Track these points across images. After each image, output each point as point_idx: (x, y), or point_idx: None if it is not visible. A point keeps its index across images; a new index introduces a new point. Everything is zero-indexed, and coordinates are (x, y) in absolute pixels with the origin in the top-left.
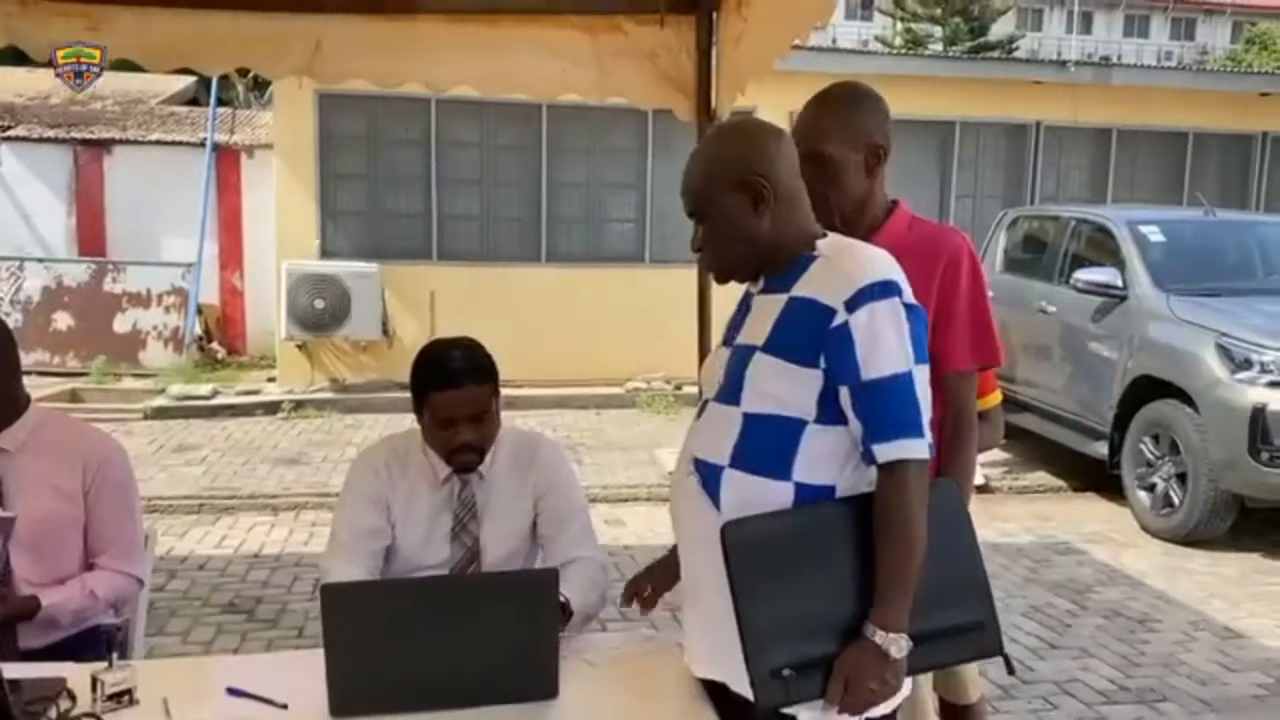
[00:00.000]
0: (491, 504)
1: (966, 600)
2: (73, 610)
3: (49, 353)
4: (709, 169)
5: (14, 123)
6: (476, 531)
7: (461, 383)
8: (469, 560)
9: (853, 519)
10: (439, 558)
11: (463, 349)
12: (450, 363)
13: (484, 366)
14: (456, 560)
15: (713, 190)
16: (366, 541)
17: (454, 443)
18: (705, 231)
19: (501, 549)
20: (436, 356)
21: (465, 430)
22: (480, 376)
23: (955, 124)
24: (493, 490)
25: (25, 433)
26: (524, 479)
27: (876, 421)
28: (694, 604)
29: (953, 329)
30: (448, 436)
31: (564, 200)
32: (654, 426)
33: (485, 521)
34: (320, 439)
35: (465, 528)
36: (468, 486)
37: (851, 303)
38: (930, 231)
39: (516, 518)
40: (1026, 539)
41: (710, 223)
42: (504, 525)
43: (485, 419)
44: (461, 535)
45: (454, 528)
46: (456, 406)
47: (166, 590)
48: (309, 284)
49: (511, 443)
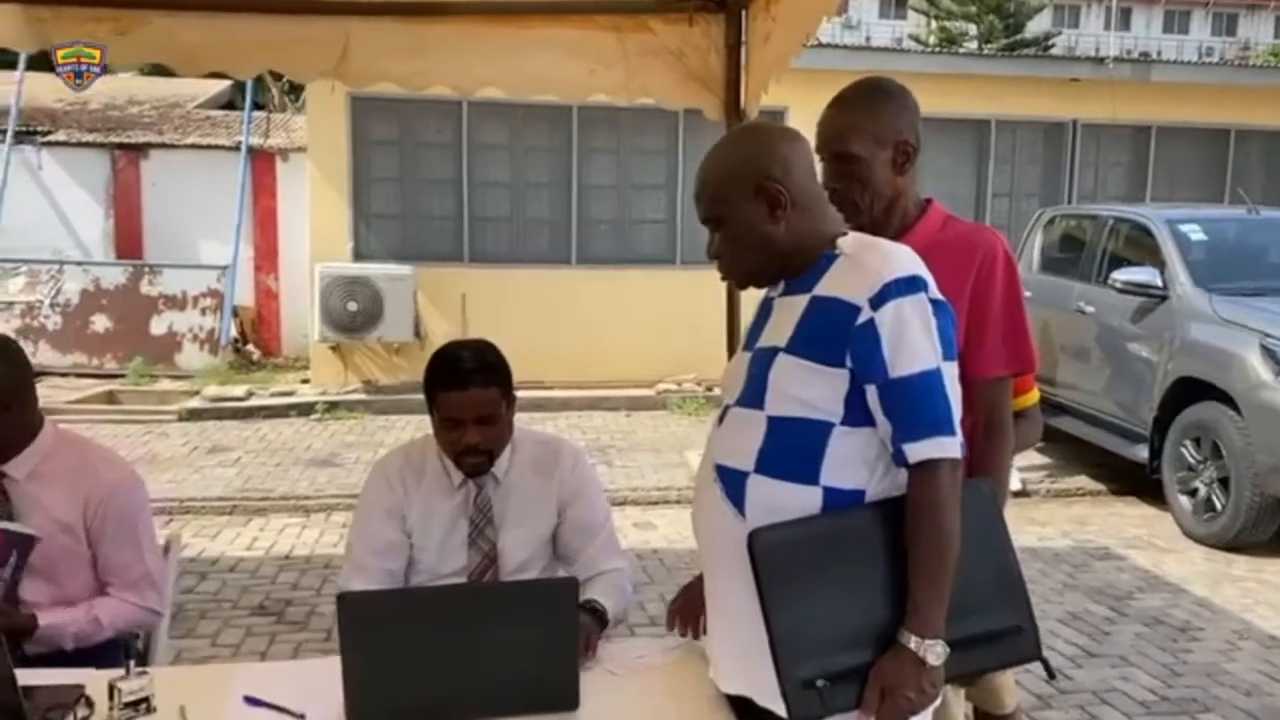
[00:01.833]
0: (510, 509)
1: (1003, 604)
2: (73, 633)
3: (87, 354)
4: (723, 176)
5: (54, 128)
6: (494, 538)
7: (469, 384)
8: (486, 566)
9: (884, 523)
10: (457, 564)
11: (473, 351)
12: (459, 363)
13: (493, 369)
14: (474, 567)
15: (728, 197)
16: (382, 558)
17: (461, 444)
18: (722, 239)
19: (520, 555)
20: (446, 357)
21: (472, 432)
22: (488, 379)
23: (991, 122)
24: (510, 495)
25: (36, 459)
26: (546, 485)
27: (906, 420)
28: (719, 616)
29: (986, 333)
30: (455, 438)
31: (595, 202)
32: (684, 428)
33: (503, 527)
34: (353, 440)
35: (482, 533)
36: (483, 491)
37: (877, 299)
38: (964, 231)
39: (536, 524)
40: (1064, 544)
41: (727, 230)
42: (522, 531)
43: (493, 422)
44: (479, 541)
45: (471, 534)
46: (463, 407)
47: (197, 592)
48: (342, 286)
49: (532, 447)
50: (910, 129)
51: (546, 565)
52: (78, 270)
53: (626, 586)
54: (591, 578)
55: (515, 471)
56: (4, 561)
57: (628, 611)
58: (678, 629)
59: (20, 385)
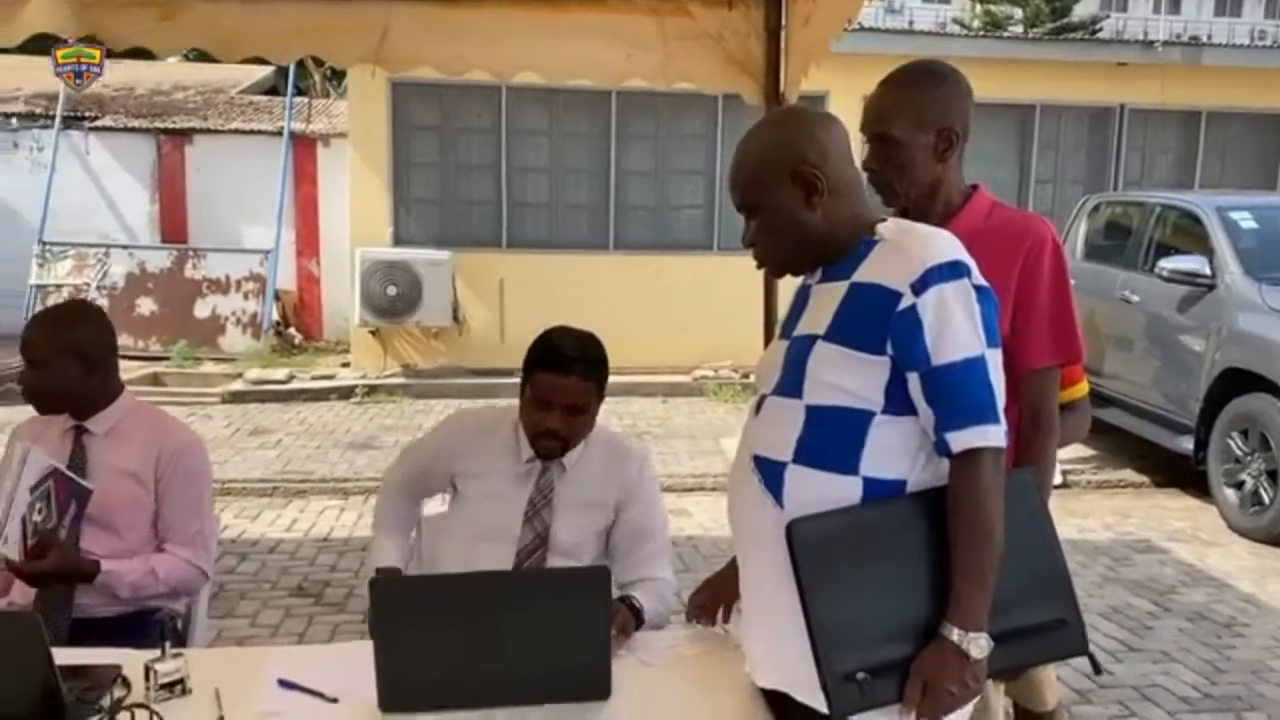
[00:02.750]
0: (569, 497)
1: (1048, 597)
2: (130, 583)
3: (133, 337)
4: (758, 162)
5: (101, 113)
6: (549, 520)
7: (569, 371)
8: (537, 546)
9: (925, 514)
10: (509, 535)
11: (581, 341)
12: (564, 348)
13: (596, 364)
14: (525, 544)
15: (764, 184)
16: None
17: (542, 425)
18: (757, 226)
19: (570, 545)
20: (554, 339)
21: (556, 417)
22: (589, 371)
23: (1036, 107)
24: (573, 484)
25: (114, 419)
26: (608, 483)
27: (949, 409)
28: (755, 610)
29: (1033, 323)
30: (539, 419)
31: (633, 187)
32: (721, 415)
33: (559, 513)
34: (391, 424)
35: (539, 513)
36: (548, 474)
37: (919, 285)
38: (1011, 218)
39: (591, 518)
40: (1105, 536)
41: (762, 217)
42: (576, 522)
43: (580, 413)
44: (534, 520)
45: (528, 512)
46: (557, 392)
47: (237, 573)
48: (382, 271)
49: (604, 444)
50: (957, 115)
51: (595, 559)
52: (124, 254)
53: (669, 598)
54: (635, 581)
55: (583, 463)
56: (65, 509)
57: (664, 621)
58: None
59: (109, 348)
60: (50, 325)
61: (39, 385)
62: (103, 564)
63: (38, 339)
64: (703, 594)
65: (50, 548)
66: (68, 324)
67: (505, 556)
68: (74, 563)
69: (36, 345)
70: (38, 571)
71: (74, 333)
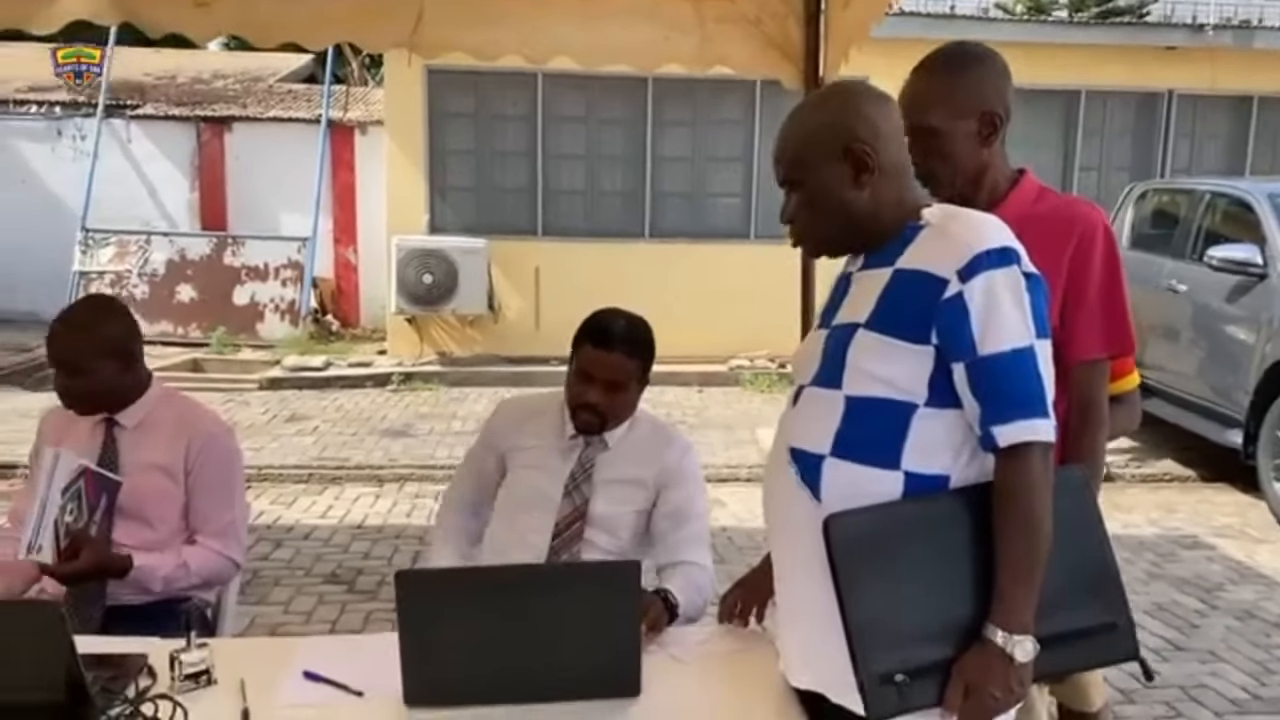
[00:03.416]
0: (609, 474)
1: (1097, 599)
2: (163, 576)
3: (172, 323)
4: (808, 134)
5: (143, 101)
6: (589, 494)
7: (613, 348)
8: (575, 519)
9: (969, 510)
10: (550, 503)
11: (629, 322)
12: (611, 325)
13: (641, 344)
14: (564, 515)
15: (812, 158)
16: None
17: (582, 398)
18: (798, 202)
19: (608, 519)
20: (603, 317)
21: (596, 392)
22: (632, 351)
23: (1080, 93)
24: (614, 463)
25: (144, 411)
26: (648, 464)
27: (996, 401)
28: (790, 607)
29: (1083, 312)
30: (580, 391)
31: (669, 175)
32: (756, 405)
33: (598, 488)
34: (427, 411)
35: (579, 487)
36: (590, 450)
37: (966, 272)
38: (1061, 204)
39: (629, 496)
40: (1150, 531)
41: (805, 193)
42: (615, 498)
43: (619, 390)
44: (573, 493)
45: (568, 485)
46: (599, 366)
47: (271, 559)
48: (418, 259)
49: (648, 427)
50: (997, 98)
51: (632, 538)
52: (164, 241)
53: (705, 586)
54: (671, 565)
55: (626, 443)
56: (95, 504)
57: (701, 613)
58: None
59: (137, 338)
60: (80, 329)
61: (79, 390)
62: (135, 559)
63: (70, 345)
64: (734, 594)
65: (83, 547)
66: (96, 324)
67: (545, 525)
68: (106, 560)
69: (70, 351)
70: (72, 573)
71: (105, 333)
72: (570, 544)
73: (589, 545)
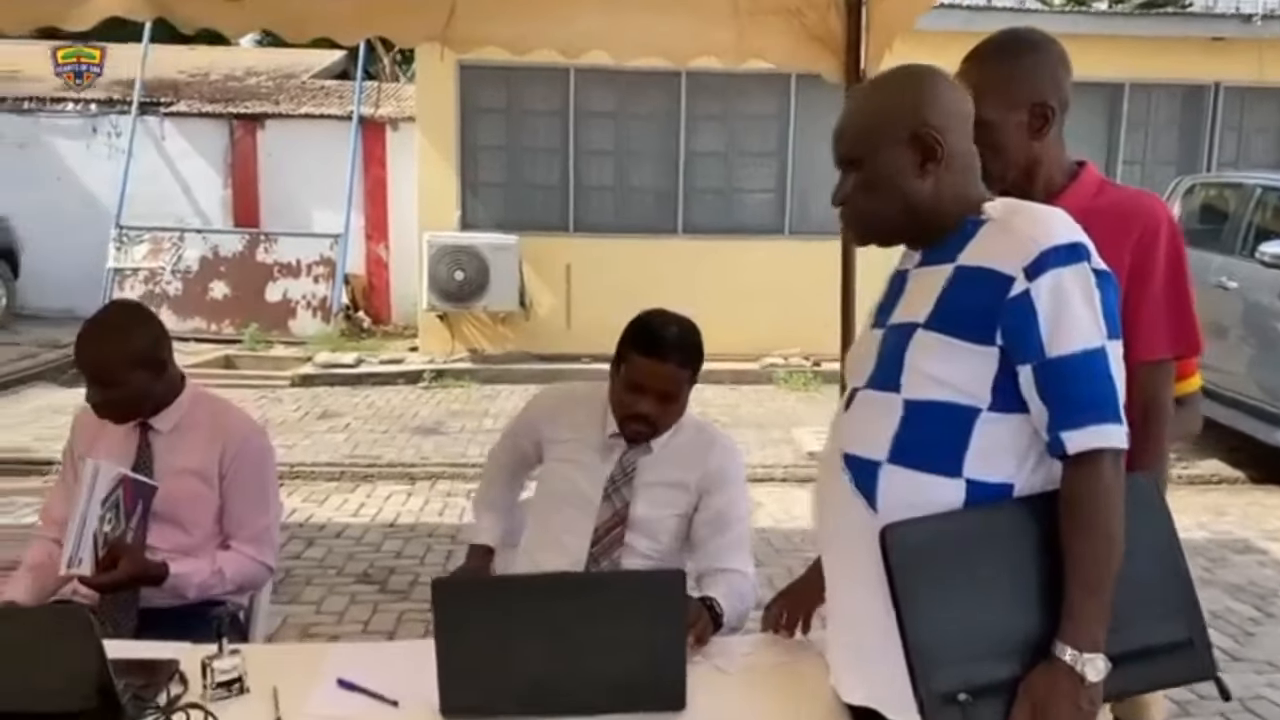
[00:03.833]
0: (651, 479)
1: (1171, 614)
2: (198, 584)
3: (205, 320)
4: (874, 113)
5: (176, 99)
6: (629, 498)
7: (666, 358)
8: (615, 523)
9: (1035, 520)
10: (589, 505)
11: (680, 327)
12: (663, 333)
13: (693, 351)
14: (604, 519)
15: (877, 139)
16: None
17: (633, 409)
18: (855, 184)
19: (649, 524)
20: (654, 322)
21: (648, 403)
22: (685, 359)
23: (1124, 86)
24: (655, 468)
25: (178, 414)
26: (690, 468)
27: (1065, 406)
28: (842, 620)
29: (1146, 311)
30: (630, 402)
31: (701, 170)
32: (790, 404)
33: (639, 492)
34: (458, 409)
35: (619, 490)
36: (631, 452)
37: (1033, 269)
38: (1123, 198)
39: (671, 500)
40: (1200, 535)
41: (865, 175)
42: (656, 502)
43: (672, 400)
44: (613, 497)
45: (608, 488)
46: (652, 377)
47: (303, 558)
48: (449, 255)
49: (692, 430)
50: (1051, 87)
51: (672, 541)
52: (198, 238)
53: (748, 594)
54: (712, 572)
55: (669, 447)
56: (132, 510)
57: (743, 621)
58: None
59: (166, 342)
60: (109, 340)
61: (112, 401)
62: (170, 567)
63: (101, 357)
64: (780, 603)
65: (120, 557)
66: (126, 334)
67: (584, 528)
68: (143, 569)
69: (102, 364)
70: (109, 583)
71: (135, 342)
72: (610, 549)
73: (629, 550)
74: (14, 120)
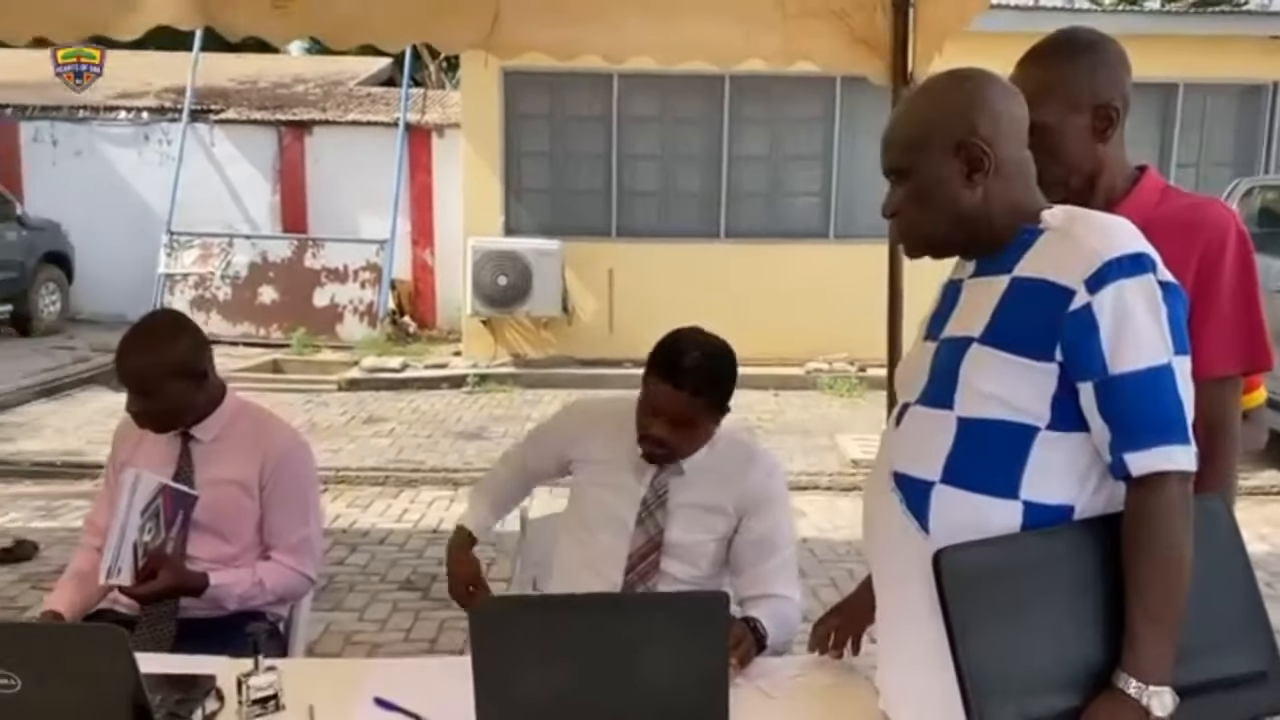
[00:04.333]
0: (685, 500)
1: (1244, 644)
2: (238, 595)
3: (254, 325)
4: (921, 123)
5: (226, 106)
6: (663, 523)
7: (682, 386)
8: (650, 550)
9: (1097, 545)
10: (624, 529)
11: (705, 352)
12: (684, 359)
13: (715, 383)
14: (638, 545)
15: (924, 149)
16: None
17: (646, 430)
18: (904, 195)
19: (686, 549)
20: (678, 345)
21: (662, 426)
22: (702, 388)
23: (1178, 86)
24: (690, 488)
25: (219, 424)
26: (727, 489)
27: (1129, 425)
28: (893, 646)
29: (1212, 324)
30: (646, 423)
31: (745, 174)
32: (835, 410)
33: (673, 517)
34: (501, 414)
35: (652, 515)
36: (663, 474)
37: (1094, 281)
38: (1188, 205)
39: (709, 523)
40: (1260, 548)
41: (913, 186)
42: (693, 526)
43: (688, 427)
44: (646, 522)
45: (640, 513)
46: (666, 401)
47: (346, 564)
48: (493, 261)
49: (727, 446)
50: (1113, 88)
51: (711, 566)
52: (247, 244)
53: (793, 619)
54: (756, 597)
55: (703, 466)
56: (172, 520)
57: (789, 645)
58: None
59: (206, 351)
60: (149, 350)
61: (151, 411)
62: (211, 578)
63: (140, 367)
64: (830, 622)
65: (160, 567)
66: (164, 343)
67: (619, 551)
68: (183, 580)
69: (141, 374)
70: (149, 593)
71: (175, 352)
72: (646, 576)
73: (665, 577)
74: (70, 128)
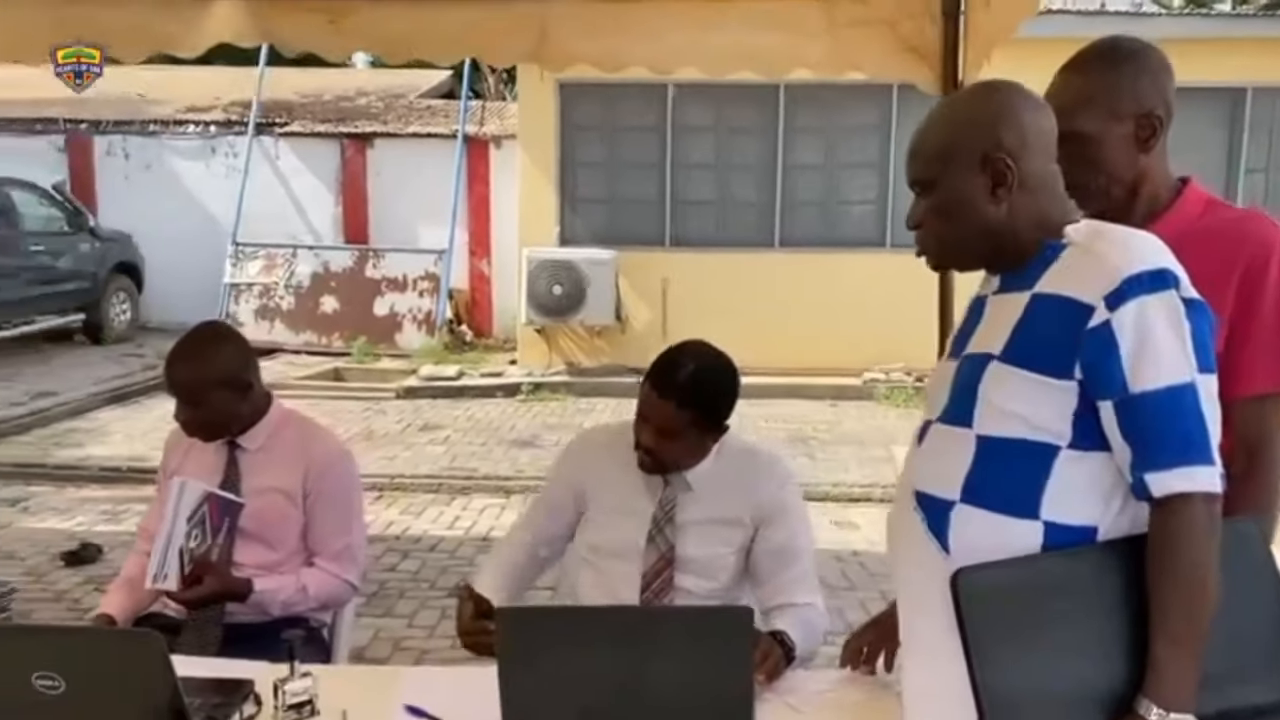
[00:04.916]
0: (695, 516)
1: (1272, 673)
2: (282, 600)
3: (316, 333)
4: (944, 136)
5: (290, 119)
6: (673, 539)
7: (669, 397)
8: (663, 568)
9: (1120, 567)
10: (634, 551)
11: (700, 366)
12: (675, 369)
13: (698, 394)
14: (650, 564)
15: (946, 163)
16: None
17: (637, 436)
18: (927, 208)
19: (701, 564)
20: (675, 357)
21: (648, 434)
22: (689, 401)
23: (1247, 90)
24: (698, 502)
25: (265, 434)
26: (739, 500)
27: (1150, 445)
28: (917, 663)
29: (1253, 340)
30: (637, 428)
31: (800, 183)
32: (892, 421)
33: (684, 531)
34: (555, 422)
35: (661, 532)
36: (669, 489)
37: (1114, 297)
38: (1232, 219)
39: (723, 536)
40: None
41: (935, 198)
42: (705, 541)
43: (671, 438)
44: (657, 539)
45: (651, 530)
46: (651, 410)
47: (398, 570)
48: (548, 270)
49: (737, 456)
50: (1156, 96)
51: (732, 578)
52: (309, 254)
53: (818, 625)
54: (779, 607)
55: (710, 478)
56: (219, 526)
57: (815, 653)
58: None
59: (252, 361)
60: (195, 361)
61: (198, 420)
62: (255, 584)
63: (187, 377)
64: (862, 637)
65: (206, 574)
66: (208, 356)
67: (631, 575)
68: (228, 586)
69: (188, 385)
70: (195, 599)
71: (220, 362)
72: (661, 594)
73: (682, 593)
74: (140, 142)
